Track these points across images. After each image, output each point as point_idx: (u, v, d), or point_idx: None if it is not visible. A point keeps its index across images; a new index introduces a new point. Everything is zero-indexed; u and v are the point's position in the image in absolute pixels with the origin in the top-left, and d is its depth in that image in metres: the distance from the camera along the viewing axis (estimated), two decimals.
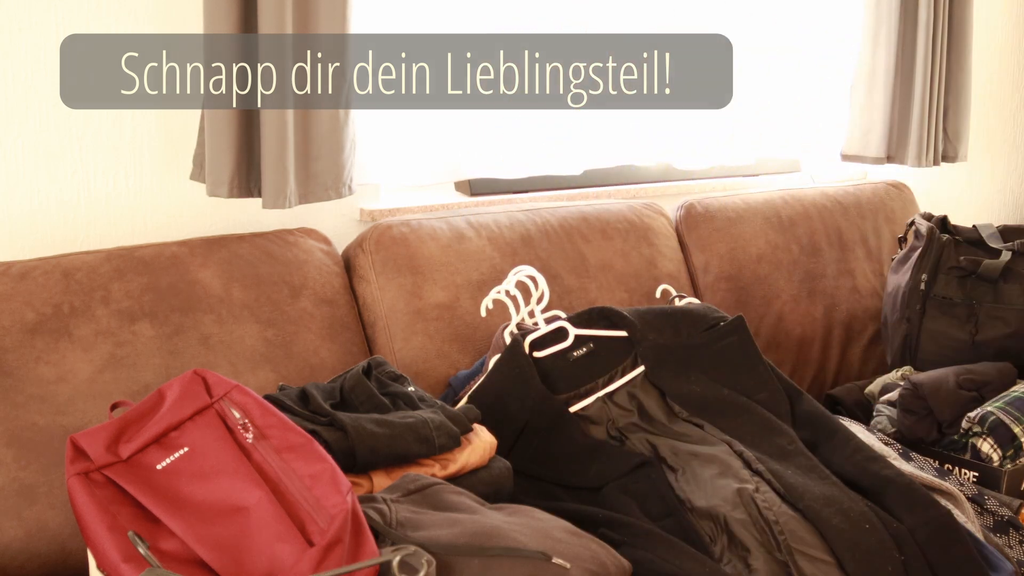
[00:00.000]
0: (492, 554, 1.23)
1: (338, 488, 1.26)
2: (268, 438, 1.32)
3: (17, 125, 1.76)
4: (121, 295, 1.72)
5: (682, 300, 1.99)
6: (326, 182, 1.89)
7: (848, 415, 2.13)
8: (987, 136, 3.17)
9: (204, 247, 1.84)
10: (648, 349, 1.81)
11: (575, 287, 2.13)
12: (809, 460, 1.64)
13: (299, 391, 1.55)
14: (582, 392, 1.78)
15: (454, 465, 1.50)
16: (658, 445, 1.69)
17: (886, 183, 2.75)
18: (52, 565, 1.57)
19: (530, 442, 1.68)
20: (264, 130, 1.78)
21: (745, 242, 2.39)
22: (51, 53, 1.77)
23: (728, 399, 1.75)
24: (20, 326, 1.64)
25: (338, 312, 1.91)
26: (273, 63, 1.75)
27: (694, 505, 1.56)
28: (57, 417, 1.61)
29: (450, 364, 1.96)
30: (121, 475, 1.25)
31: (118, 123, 1.84)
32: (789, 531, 1.49)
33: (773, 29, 2.55)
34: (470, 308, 2.00)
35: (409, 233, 2.01)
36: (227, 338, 1.77)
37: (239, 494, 1.24)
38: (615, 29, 2.33)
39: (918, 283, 2.23)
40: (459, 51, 2.13)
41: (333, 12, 1.82)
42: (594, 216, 2.24)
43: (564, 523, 1.36)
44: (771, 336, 2.36)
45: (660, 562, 1.40)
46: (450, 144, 2.15)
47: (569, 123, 2.28)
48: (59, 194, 1.82)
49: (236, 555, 1.20)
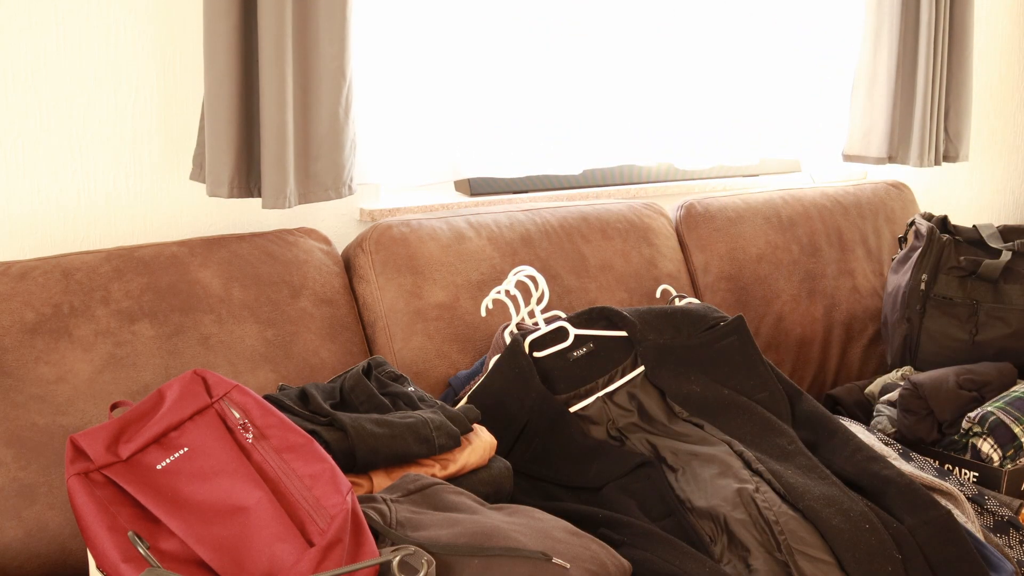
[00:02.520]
0: (492, 554, 1.23)
1: (338, 488, 1.26)
2: (268, 438, 1.32)
3: (17, 125, 1.77)
4: (121, 295, 1.72)
5: (682, 300, 1.99)
6: (326, 182, 1.89)
7: (848, 415, 2.13)
8: (988, 136, 3.17)
9: (204, 247, 1.84)
10: (648, 349, 1.81)
11: (575, 287, 2.13)
12: (809, 460, 1.64)
13: (299, 391, 1.55)
14: (582, 392, 1.78)
15: (454, 465, 1.50)
16: (658, 445, 1.69)
17: (886, 183, 2.75)
18: (52, 565, 1.57)
19: (530, 442, 1.68)
20: (264, 130, 1.78)
21: (745, 242, 2.39)
22: (51, 53, 1.77)
23: (728, 399, 1.75)
24: (20, 326, 1.64)
25: (338, 312, 1.91)
26: (273, 62, 1.75)
27: (694, 505, 1.56)
28: (57, 417, 1.61)
29: (450, 364, 1.96)
30: (121, 475, 1.25)
31: (118, 123, 1.85)
32: (789, 531, 1.49)
33: (774, 29, 2.55)
34: (470, 308, 2.00)
35: (409, 233, 2.01)
36: (227, 338, 1.77)
37: (239, 494, 1.24)
38: (614, 29, 2.33)
39: (918, 283, 2.23)
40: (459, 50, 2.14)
41: (333, 12, 1.82)
42: (594, 216, 2.24)
43: (564, 523, 1.36)
44: (771, 336, 2.36)
45: (660, 562, 1.40)
46: (449, 143, 2.15)
47: (568, 123, 2.29)
48: (59, 194, 1.82)
49: (236, 555, 1.20)
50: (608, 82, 2.34)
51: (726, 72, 2.50)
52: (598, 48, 2.31)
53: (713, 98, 2.49)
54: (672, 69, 2.42)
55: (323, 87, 1.84)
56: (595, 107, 2.33)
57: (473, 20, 2.14)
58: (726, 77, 2.50)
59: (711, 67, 2.47)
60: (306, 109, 1.85)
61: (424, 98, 2.10)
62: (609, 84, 2.34)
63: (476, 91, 2.17)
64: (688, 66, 2.44)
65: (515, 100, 2.22)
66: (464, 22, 2.13)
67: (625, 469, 1.63)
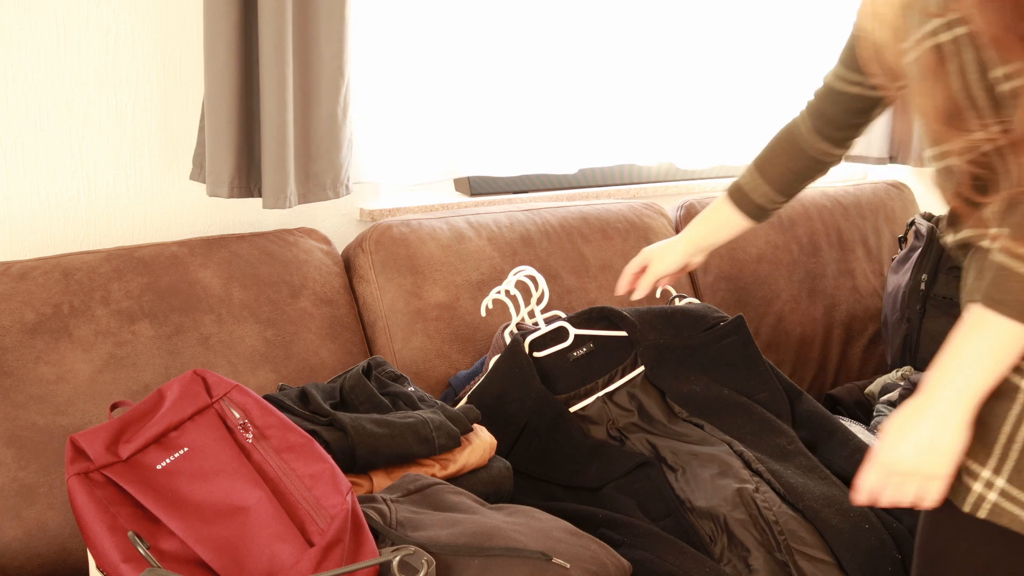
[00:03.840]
0: (492, 554, 1.23)
1: (338, 488, 1.26)
2: (268, 438, 1.32)
3: (17, 125, 1.77)
4: (121, 295, 1.72)
5: (682, 300, 1.99)
6: (325, 182, 1.90)
7: (848, 415, 2.13)
8: None
9: (204, 247, 1.84)
10: (648, 349, 1.81)
11: (575, 287, 2.13)
12: (809, 460, 1.64)
13: (299, 391, 1.55)
14: (582, 392, 1.78)
15: (454, 465, 1.50)
16: (658, 445, 1.69)
17: (886, 183, 2.75)
18: (52, 565, 1.57)
19: (530, 442, 1.68)
20: (264, 130, 1.78)
21: (745, 242, 2.39)
22: (51, 53, 1.77)
23: (728, 399, 1.75)
24: (20, 326, 1.64)
25: (338, 312, 1.91)
26: (273, 62, 1.75)
27: (694, 505, 1.56)
28: (57, 417, 1.61)
29: (450, 364, 1.96)
30: (121, 475, 1.25)
31: (118, 123, 1.85)
32: (789, 531, 1.49)
33: (774, 28, 2.55)
34: (470, 308, 2.00)
35: (409, 233, 2.01)
36: (227, 338, 1.77)
37: (239, 494, 1.24)
38: (614, 29, 2.33)
39: (918, 283, 2.23)
40: (458, 50, 2.14)
41: (332, 12, 1.82)
42: (594, 216, 2.24)
43: (564, 523, 1.36)
44: (771, 336, 2.36)
45: (660, 562, 1.40)
46: (448, 142, 2.16)
47: (567, 122, 2.29)
48: (59, 194, 1.82)
49: (236, 555, 1.20)
50: (608, 81, 2.34)
51: (726, 72, 2.50)
52: (598, 47, 2.31)
53: (713, 98, 2.49)
54: (672, 69, 2.42)
55: (322, 87, 1.85)
56: (594, 106, 2.33)
57: (471, 19, 2.14)
58: (726, 77, 2.50)
59: (711, 67, 2.47)
60: (306, 109, 1.86)
61: (422, 97, 2.10)
62: (609, 83, 2.34)
63: (474, 90, 2.17)
64: (688, 66, 2.44)
65: (513, 99, 2.22)
66: (462, 21, 2.13)
67: (625, 469, 1.63)
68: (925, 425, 1.08)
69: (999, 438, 1.04)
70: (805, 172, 1.58)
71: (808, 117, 1.54)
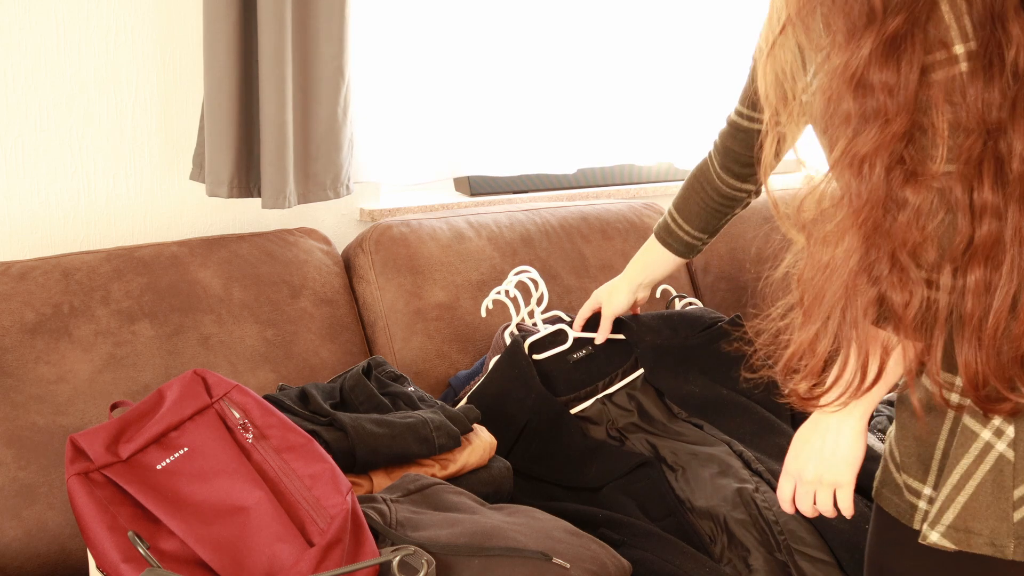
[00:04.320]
0: (492, 554, 1.23)
1: (338, 488, 1.26)
2: (268, 438, 1.32)
3: (17, 125, 1.76)
4: (121, 295, 1.72)
5: (682, 300, 1.99)
6: (325, 182, 1.90)
7: None
8: None
9: (204, 247, 1.84)
10: (646, 350, 1.81)
11: (575, 287, 2.13)
12: None
13: (299, 391, 1.55)
14: (582, 395, 1.78)
15: (454, 465, 1.50)
16: (658, 445, 1.69)
17: None
18: (52, 565, 1.57)
19: (530, 442, 1.68)
20: (264, 130, 1.78)
21: (745, 242, 2.39)
22: (51, 53, 1.77)
23: (727, 399, 1.75)
24: (20, 326, 1.64)
25: (338, 312, 1.91)
26: (273, 62, 1.75)
27: (694, 505, 1.56)
28: (57, 417, 1.61)
29: (450, 364, 1.96)
30: (121, 475, 1.25)
31: (118, 123, 1.85)
32: (789, 531, 1.49)
33: None
34: (470, 308, 2.00)
35: (409, 233, 2.01)
36: (227, 338, 1.77)
37: (239, 494, 1.24)
38: (613, 29, 2.33)
39: None
40: (457, 49, 2.14)
41: (332, 12, 1.82)
42: (594, 216, 2.24)
43: (564, 523, 1.36)
44: None
45: (660, 562, 1.40)
46: (447, 142, 2.16)
47: (566, 122, 2.29)
48: (59, 194, 1.82)
49: (236, 555, 1.20)
50: (607, 81, 2.34)
51: (726, 72, 2.49)
52: (597, 47, 2.31)
53: (713, 98, 2.48)
54: (672, 69, 2.42)
55: (322, 87, 1.85)
56: (594, 107, 2.33)
57: (471, 19, 2.14)
58: (726, 77, 2.49)
59: (711, 67, 2.47)
60: (306, 109, 1.86)
61: (422, 97, 2.10)
62: (608, 83, 2.34)
63: (473, 90, 2.17)
64: (688, 66, 2.44)
65: (513, 99, 2.22)
66: (462, 21, 2.13)
67: (625, 469, 1.63)
68: (819, 437, 1.13)
69: (935, 454, 1.04)
70: (721, 209, 1.65)
71: (715, 156, 1.62)
